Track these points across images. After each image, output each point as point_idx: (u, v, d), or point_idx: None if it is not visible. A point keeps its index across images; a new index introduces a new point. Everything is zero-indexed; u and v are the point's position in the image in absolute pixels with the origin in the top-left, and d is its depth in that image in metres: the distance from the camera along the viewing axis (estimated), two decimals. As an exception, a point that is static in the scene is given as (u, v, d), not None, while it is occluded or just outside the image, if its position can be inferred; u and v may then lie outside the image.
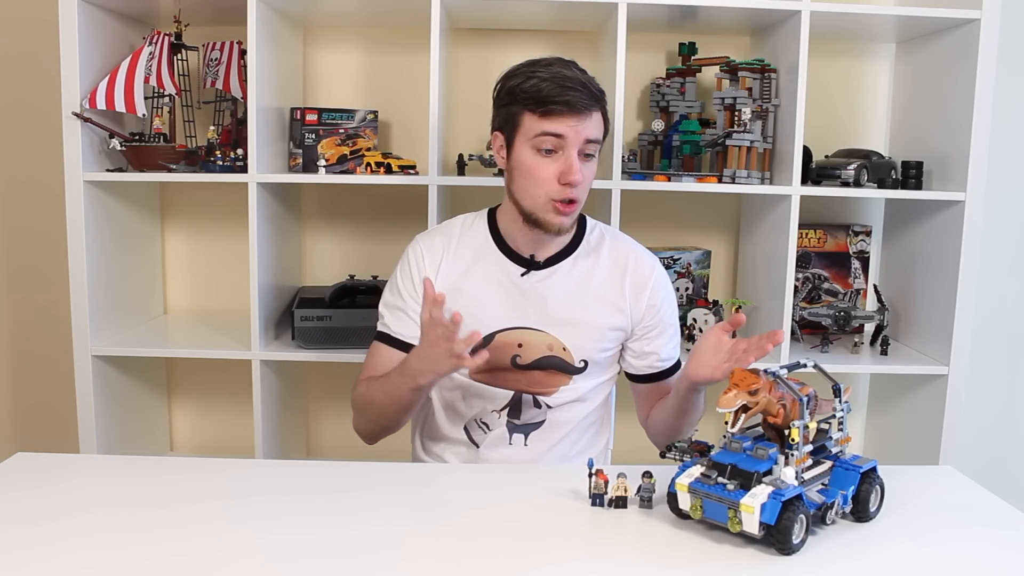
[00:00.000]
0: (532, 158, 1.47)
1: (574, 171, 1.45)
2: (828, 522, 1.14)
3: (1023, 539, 1.14)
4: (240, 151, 2.02)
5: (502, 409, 1.58)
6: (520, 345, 1.56)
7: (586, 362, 1.58)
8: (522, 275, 1.57)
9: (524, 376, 1.57)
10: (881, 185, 2.12)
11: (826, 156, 2.26)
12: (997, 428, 2.50)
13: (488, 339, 1.56)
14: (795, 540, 1.05)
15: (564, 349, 1.56)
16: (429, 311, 1.37)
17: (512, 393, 1.57)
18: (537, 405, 1.58)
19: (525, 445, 1.59)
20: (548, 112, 1.44)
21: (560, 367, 1.57)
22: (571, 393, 1.58)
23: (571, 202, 1.48)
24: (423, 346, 1.41)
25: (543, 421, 1.58)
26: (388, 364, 1.54)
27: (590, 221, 1.65)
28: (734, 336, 1.42)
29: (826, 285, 2.33)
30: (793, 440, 1.10)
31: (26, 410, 2.49)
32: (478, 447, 1.60)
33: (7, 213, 2.41)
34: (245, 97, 2.04)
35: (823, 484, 1.15)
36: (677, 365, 1.65)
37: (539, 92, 1.44)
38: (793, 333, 2.18)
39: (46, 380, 2.45)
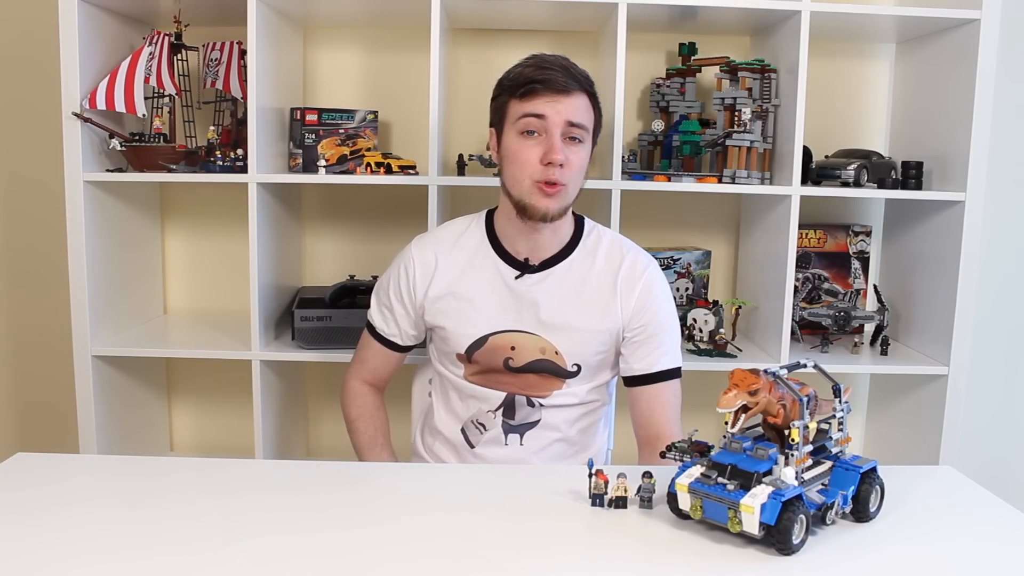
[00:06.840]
0: (517, 142, 1.49)
1: (555, 150, 1.45)
2: (828, 522, 1.14)
3: (1023, 539, 1.14)
4: (240, 151, 2.02)
5: (496, 409, 1.58)
6: (513, 348, 1.55)
7: (579, 366, 1.57)
8: (516, 278, 1.57)
9: (517, 379, 1.57)
10: (881, 185, 2.12)
11: (826, 156, 2.26)
12: (997, 428, 2.50)
13: (481, 341, 1.56)
14: (795, 540, 1.05)
15: (556, 353, 1.56)
16: None
17: (505, 394, 1.57)
18: (531, 404, 1.58)
19: (521, 444, 1.59)
20: (528, 92, 1.46)
21: (552, 371, 1.56)
22: (566, 397, 1.58)
23: (556, 184, 1.47)
24: None
25: (538, 420, 1.58)
26: (376, 357, 1.71)
27: (588, 223, 1.64)
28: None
29: (826, 285, 2.33)
30: (793, 440, 1.10)
31: (26, 410, 2.49)
32: (474, 447, 1.60)
33: (7, 213, 2.41)
34: (245, 97, 2.04)
35: (823, 484, 1.15)
36: (667, 373, 1.58)
37: (520, 77, 1.48)
38: (793, 333, 2.17)
39: (46, 380, 2.45)
